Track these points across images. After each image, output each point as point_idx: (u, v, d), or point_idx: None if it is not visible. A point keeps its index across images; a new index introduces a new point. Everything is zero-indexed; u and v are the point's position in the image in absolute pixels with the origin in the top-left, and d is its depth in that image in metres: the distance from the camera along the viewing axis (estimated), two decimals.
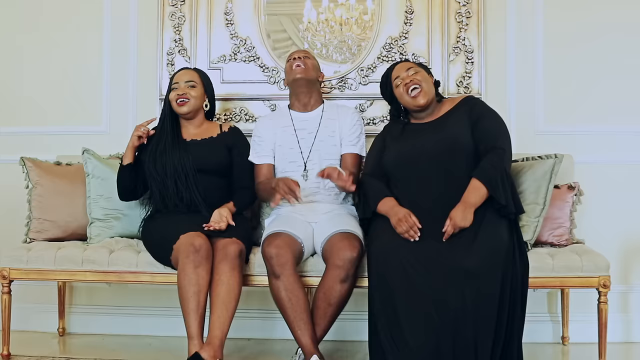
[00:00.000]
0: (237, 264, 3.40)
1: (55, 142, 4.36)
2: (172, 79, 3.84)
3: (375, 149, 3.65)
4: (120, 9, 4.38)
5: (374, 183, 3.51)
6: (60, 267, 3.68)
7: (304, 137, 3.77)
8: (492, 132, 3.42)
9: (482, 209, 3.27)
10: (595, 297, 3.49)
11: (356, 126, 3.80)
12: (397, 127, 3.64)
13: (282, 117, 3.85)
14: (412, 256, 3.17)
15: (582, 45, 4.16)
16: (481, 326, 3.08)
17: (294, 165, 3.74)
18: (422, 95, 3.50)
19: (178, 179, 3.64)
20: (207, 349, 3.24)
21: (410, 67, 3.59)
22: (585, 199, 3.88)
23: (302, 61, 3.76)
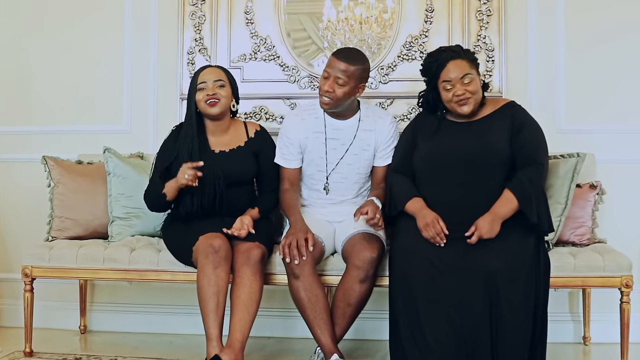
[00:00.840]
0: (259, 269, 3.39)
1: (77, 141, 4.39)
2: (196, 77, 3.63)
3: (404, 142, 3.54)
4: (141, 8, 4.40)
5: (403, 181, 3.44)
6: (82, 265, 3.70)
7: (336, 147, 3.60)
8: (533, 144, 3.34)
9: (512, 221, 3.22)
10: (617, 297, 3.47)
11: (392, 138, 3.62)
12: (432, 122, 3.49)
13: (315, 120, 3.63)
14: (436, 257, 3.16)
15: (604, 44, 4.13)
16: (502, 328, 3.06)
17: (321, 175, 3.66)
18: (467, 106, 3.35)
19: (206, 192, 3.53)
20: (227, 352, 3.22)
21: (467, 73, 3.33)
22: (607, 198, 3.85)
23: (332, 91, 3.44)
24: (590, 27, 4.14)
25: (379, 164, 3.66)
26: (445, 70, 3.36)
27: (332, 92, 3.45)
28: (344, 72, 3.43)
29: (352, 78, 3.45)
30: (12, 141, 4.48)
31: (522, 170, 3.28)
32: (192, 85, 3.64)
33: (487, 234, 3.17)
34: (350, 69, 3.44)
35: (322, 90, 3.48)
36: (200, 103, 3.59)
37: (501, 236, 3.18)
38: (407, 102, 4.19)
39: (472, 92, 3.34)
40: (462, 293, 3.08)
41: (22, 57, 4.51)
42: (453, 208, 3.28)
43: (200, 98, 3.58)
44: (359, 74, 3.48)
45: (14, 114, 4.51)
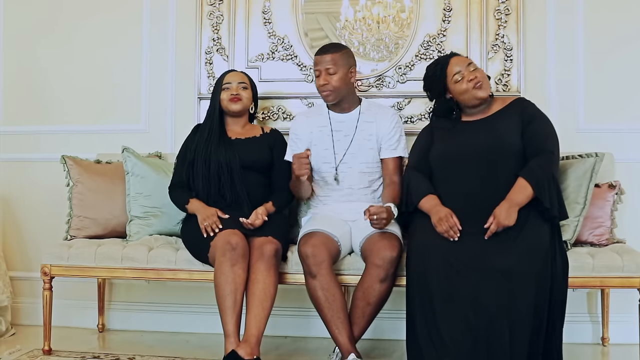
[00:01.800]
0: (273, 264, 3.41)
1: (96, 140, 4.42)
2: (221, 80, 3.86)
3: (422, 142, 3.61)
4: (159, 8, 4.42)
5: (419, 178, 3.48)
6: (100, 264, 3.72)
7: (340, 139, 3.72)
8: (542, 135, 3.39)
9: (526, 210, 3.24)
10: (636, 297, 3.44)
11: (395, 129, 3.72)
12: (446, 123, 3.59)
13: (319, 115, 3.79)
14: (452, 255, 3.16)
15: (623, 45, 4.10)
16: (518, 327, 3.05)
17: (328, 167, 3.71)
18: (482, 90, 3.47)
19: (222, 176, 3.68)
20: (244, 347, 3.25)
21: (470, 62, 3.54)
22: (626, 198, 3.82)
23: (327, 83, 3.63)
24: (609, 28, 4.11)
25: (387, 155, 3.71)
26: (450, 66, 3.53)
27: (327, 83, 3.63)
28: (330, 62, 3.64)
29: (339, 64, 3.64)
30: (32, 141, 4.52)
31: (533, 159, 3.32)
32: (218, 85, 3.88)
33: (505, 219, 3.17)
34: (335, 57, 3.65)
35: (319, 86, 3.66)
36: (223, 101, 3.83)
37: (515, 232, 3.17)
38: (424, 102, 4.18)
39: (482, 77, 3.49)
40: (478, 291, 3.07)
41: (41, 57, 4.54)
42: (469, 203, 3.31)
43: (225, 97, 3.82)
44: (345, 58, 3.68)
45: (33, 114, 4.54)
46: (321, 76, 3.65)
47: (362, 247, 3.49)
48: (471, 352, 3.06)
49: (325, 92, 3.65)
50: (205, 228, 3.50)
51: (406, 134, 3.86)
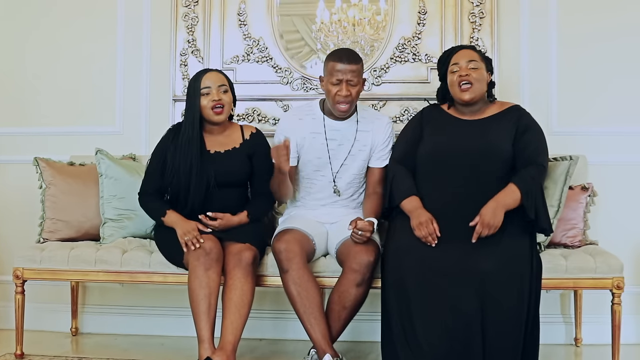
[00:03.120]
0: (251, 271, 3.39)
1: (69, 142, 4.38)
2: (198, 81, 3.59)
3: (409, 134, 3.57)
4: (133, 10, 4.40)
5: (403, 175, 3.45)
6: (73, 267, 3.69)
7: (334, 148, 3.60)
8: (536, 147, 3.38)
9: (508, 219, 3.24)
10: (608, 298, 3.48)
11: (389, 139, 3.64)
12: (437, 117, 3.55)
13: (313, 120, 3.63)
14: (430, 258, 3.16)
15: (596, 46, 4.15)
16: (495, 332, 3.06)
17: (318, 175, 3.65)
18: (469, 92, 3.43)
19: (199, 194, 3.55)
20: (219, 354, 3.23)
21: (473, 59, 3.47)
22: (598, 200, 3.86)
23: (349, 93, 3.45)
24: (582, 30, 4.16)
25: (375, 164, 3.65)
26: (456, 56, 3.51)
27: (349, 95, 3.47)
28: (354, 73, 3.48)
29: (360, 76, 3.52)
30: (4, 142, 4.47)
31: (525, 168, 3.31)
32: (194, 89, 3.60)
33: (491, 219, 3.17)
34: (358, 68, 3.51)
35: (341, 97, 3.46)
36: (205, 109, 3.59)
37: (495, 239, 3.18)
38: (399, 104, 4.20)
39: (476, 78, 3.43)
40: (455, 295, 3.08)
41: (15, 59, 4.50)
42: (451, 205, 3.31)
43: (206, 104, 3.58)
44: (362, 70, 3.57)
45: (5, 116, 4.50)
46: (342, 86, 3.45)
47: (338, 251, 3.48)
48: (447, 354, 3.06)
49: (344, 104, 3.48)
50: (185, 242, 3.41)
51: None
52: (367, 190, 3.67)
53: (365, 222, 3.36)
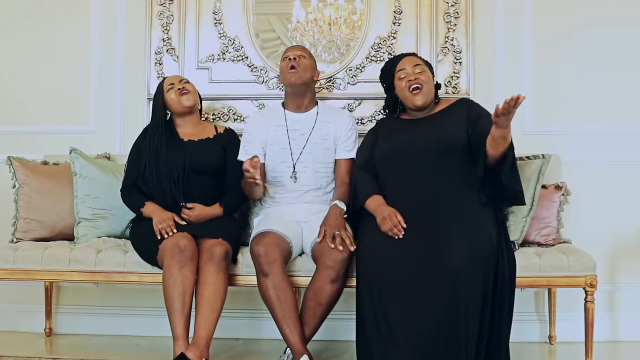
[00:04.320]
0: (223, 266, 3.40)
1: (43, 141, 4.35)
2: (161, 86, 3.82)
3: (367, 142, 3.66)
4: (108, 8, 4.37)
5: (365, 178, 3.52)
6: (47, 267, 3.66)
7: (296, 138, 3.73)
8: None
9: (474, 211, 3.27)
10: (582, 296, 3.52)
11: (352, 130, 3.78)
12: (390, 121, 3.66)
13: (275, 115, 3.80)
14: (400, 254, 3.18)
15: (570, 44, 4.18)
16: (467, 325, 3.08)
17: (284, 166, 3.73)
18: (421, 96, 3.51)
19: (173, 180, 3.63)
20: (192, 350, 3.24)
21: (418, 64, 3.58)
22: (572, 199, 3.90)
23: (297, 62, 3.69)
24: (556, 29, 4.19)
25: (341, 156, 3.76)
26: (400, 63, 3.61)
27: (297, 60, 3.69)
28: (303, 50, 3.80)
29: (309, 57, 3.78)
30: None
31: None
32: (159, 90, 3.82)
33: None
34: (307, 50, 3.83)
35: (288, 62, 3.70)
36: (172, 101, 3.77)
37: (460, 231, 3.19)
38: (375, 104, 4.21)
39: (424, 81, 3.52)
40: (426, 290, 3.09)
41: None
42: (414, 200, 3.33)
43: (173, 96, 3.77)
44: (313, 58, 3.83)
45: None
46: (291, 57, 3.70)
47: (313, 248, 3.50)
48: (422, 351, 3.07)
49: (294, 68, 3.68)
50: (159, 230, 3.46)
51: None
52: (337, 182, 3.77)
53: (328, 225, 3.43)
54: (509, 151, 3.24)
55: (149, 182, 3.67)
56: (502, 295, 3.20)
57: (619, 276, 4.14)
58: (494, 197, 3.33)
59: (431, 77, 3.59)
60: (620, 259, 4.13)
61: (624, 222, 4.13)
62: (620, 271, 4.14)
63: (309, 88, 3.78)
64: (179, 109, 3.78)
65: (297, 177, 3.71)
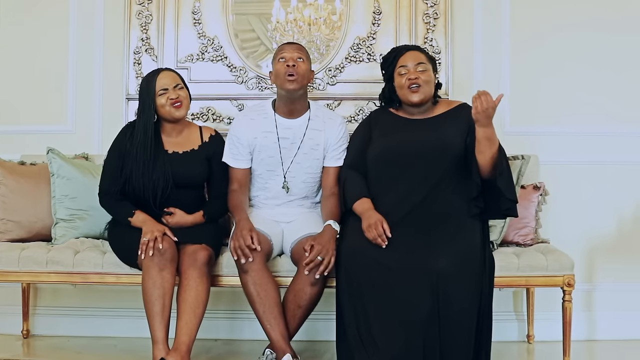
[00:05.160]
0: (206, 271, 3.38)
1: (20, 141, 4.30)
2: (152, 83, 3.56)
3: (359, 139, 3.56)
4: (86, 7, 4.33)
5: (354, 178, 3.46)
6: (24, 268, 3.62)
7: (286, 146, 3.60)
8: None
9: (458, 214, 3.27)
10: (560, 295, 3.54)
11: (343, 139, 3.63)
12: (385, 119, 3.56)
13: (265, 120, 3.63)
14: (383, 257, 3.18)
15: (548, 45, 4.21)
16: (452, 329, 3.09)
17: (272, 174, 3.64)
18: (418, 94, 3.43)
19: (157, 195, 3.52)
20: (174, 355, 3.21)
21: (421, 61, 3.46)
22: (550, 199, 3.93)
23: (296, 69, 3.48)
24: (534, 29, 4.22)
25: (330, 164, 3.64)
26: (403, 58, 3.49)
27: (295, 66, 3.49)
28: (300, 50, 3.59)
29: (307, 58, 3.59)
30: None
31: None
32: (148, 91, 3.57)
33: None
34: (304, 49, 3.64)
35: (286, 68, 3.48)
36: (164, 107, 3.55)
37: (447, 237, 3.20)
38: (354, 104, 4.21)
39: (425, 81, 3.43)
40: (409, 293, 3.10)
41: None
42: (403, 204, 3.31)
43: (164, 102, 3.55)
44: (309, 56, 3.64)
45: None
46: (289, 60, 3.49)
47: (292, 250, 3.49)
48: (403, 353, 3.07)
49: (292, 75, 3.47)
50: (142, 244, 3.35)
51: None
52: (325, 192, 3.66)
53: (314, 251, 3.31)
54: (500, 156, 3.22)
55: (133, 194, 3.55)
56: (482, 295, 3.21)
57: (597, 276, 4.18)
58: (486, 210, 3.30)
59: (432, 76, 3.48)
60: (598, 259, 4.17)
61: (602, 222, 4.17)
62: (597, 271, 4.18)
63: (304, 92, 3.61)
64: (168, 119, 3.61)
65: (289, 187, 3.64)
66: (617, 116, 4.19)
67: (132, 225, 3.50)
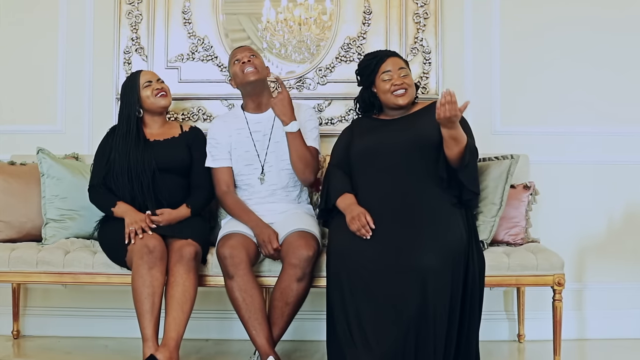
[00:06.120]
0: (193, 266, 3.39)
1: (10, 141, 4.30)
2: (136, 79, 3.75)
3: (342, 141, 3.65)
4: (76, 6, 4.32)
5: (338, 176, 3.51)
6: (14, 268, 3.62)
7: (259, 139, 3.72)
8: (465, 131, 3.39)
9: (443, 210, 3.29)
10: (550, 295, 3.55)
11: (310, 121, 3.74)
12: (366, 121, 3.66)
13: (235, 118, 3.78)
14: (370, 254, 3.19)
15: (538, 44, 4.22)
16: (436, 326, 3.10)
17: (251, 168, 3.71)
18: (404, 97, 3.54)
19: (141, 180, 3.59)
20: (162, 351, 3.22)
21: (403, 67, 3.58)
22: (540, 199, 3.93)
23: (252, 63, 3.65)
24: (524, 28, 4.23)
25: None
26: (385, 64, 3.58)
27: (250, 61, 3.66)
28: (250, 50, 3.78)
29: (258, 55, 3.78)
30: None
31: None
32: (132, 86, 3.74)
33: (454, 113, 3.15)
34: (252, 49, 3.83)
35: (242, 65, 3.66)
36: (149, 99, 3.72)
37: (432, 231, 3.21)
38: (345, 104, 4.21)
39: (409, 84, 3.56)
40: (397, 290, 3.10)
41: None
42: (387, 199, 3.34)
43: (149, 94, 3.72)
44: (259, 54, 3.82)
45: None
46: (243, 59, 3.66)
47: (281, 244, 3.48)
48: (393, 350, 3.08)
49: (249, 68, 3.63)
50: (129, 233, 3.42)
51: (327, 136, 3.95)
52: None
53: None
54: (465, 152, 3.27)
55: (119, 182, 3.63)
56: (472, 294, 3.22)
57: (587, 275, 4.19)
58: (459, 198, 3.37)
59: (412, 78, 3.63)
60: (588, 258, 4.18)
61: (592, 222, 4.18)
62: (588, 270, 4.19)
63: (265, 86, 3.76)
64: (153, 109, 3.75)
65: (265, 178, 3.70)
66: (607, 116, 4.20)
67: (114, 215, 3.56)
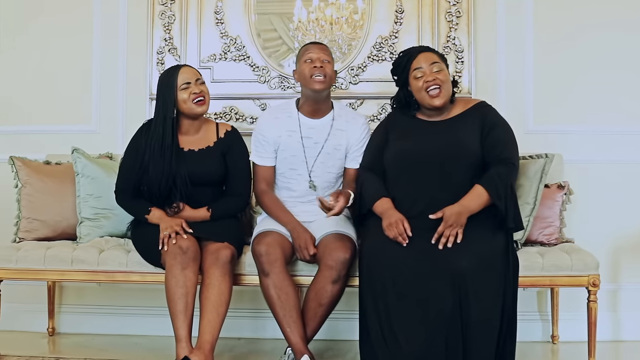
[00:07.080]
0: (229, 270, 3.38)
1: (45, 141, 4.34)
2: (174, 77, 3.55)
3: (376, 141, 3.54)
4: (110, 8, 4.37)
5: (372, 180, 3.44)
6: (50, 266, 3.66)
7: (310, 146, 3.61)
8: (504, 144, 3.35)
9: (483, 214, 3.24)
10: (584, 295, 3.50)
11: (364, 140, 3.62)
12: (403, 121, 3.52)
13: (289, 119, 3.64)
14: (404, 257, 3.16)
15: (571, 44, 4.18)
16: (475, 329, 3.07)
17: (294, 173, 3.65)
18: (440, 97, 3.38)
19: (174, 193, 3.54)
20: (197, 354, 3.21)
21: (435, 61, 3.41)
22: (574, 198, 3.89)
23: (324, 70, 3.50)
24: (558, 28, 4.19)
25: (351, 165, 3.66)
26: (416, 60, 3.43)
27: (322, 67, 3.51)
28: (326, 51, 3.60)
29: (332, 58, 3.62)
30: None
31: (493, 167, 3.29)
32: (169, 85, 3.56)
33: (451, 218, 3.15)
34: (328, 50, 3.65)
35: (312, 69, 3.51)
36: (186, 102, 3.54)
37: (469, 237, 3.18)
38: (377, 103, 4.20)
39: (442, 80, 3.38)
40: (431, 293, 3.08)
41: None
42: (422, 207, 3.29)
43: (186, 97, 3.54)
44: (332, 57, 3.66)
45: None
46: (316, 61, 3.52)
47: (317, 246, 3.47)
48: (426, 353, 3.06)
49: (320, 76, 3.49)
50: (163, 238, 3.38)
51: None
52: (343, 187, 3.66)
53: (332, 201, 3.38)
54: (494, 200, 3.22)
55: (151, 192, 3.57)
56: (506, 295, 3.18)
57: (622, 276, 4.14)
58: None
59: (448, 74, 3.46)
60: (623, 259, 4.13)
61: (627, 222, 4.13)
62: (623, 270, 4.14)
63: (328, 93, 3.63)
64: (190, 114, 3.60)
65: (316, 185, 3.65)
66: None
67: (149, 222, 3.53)
